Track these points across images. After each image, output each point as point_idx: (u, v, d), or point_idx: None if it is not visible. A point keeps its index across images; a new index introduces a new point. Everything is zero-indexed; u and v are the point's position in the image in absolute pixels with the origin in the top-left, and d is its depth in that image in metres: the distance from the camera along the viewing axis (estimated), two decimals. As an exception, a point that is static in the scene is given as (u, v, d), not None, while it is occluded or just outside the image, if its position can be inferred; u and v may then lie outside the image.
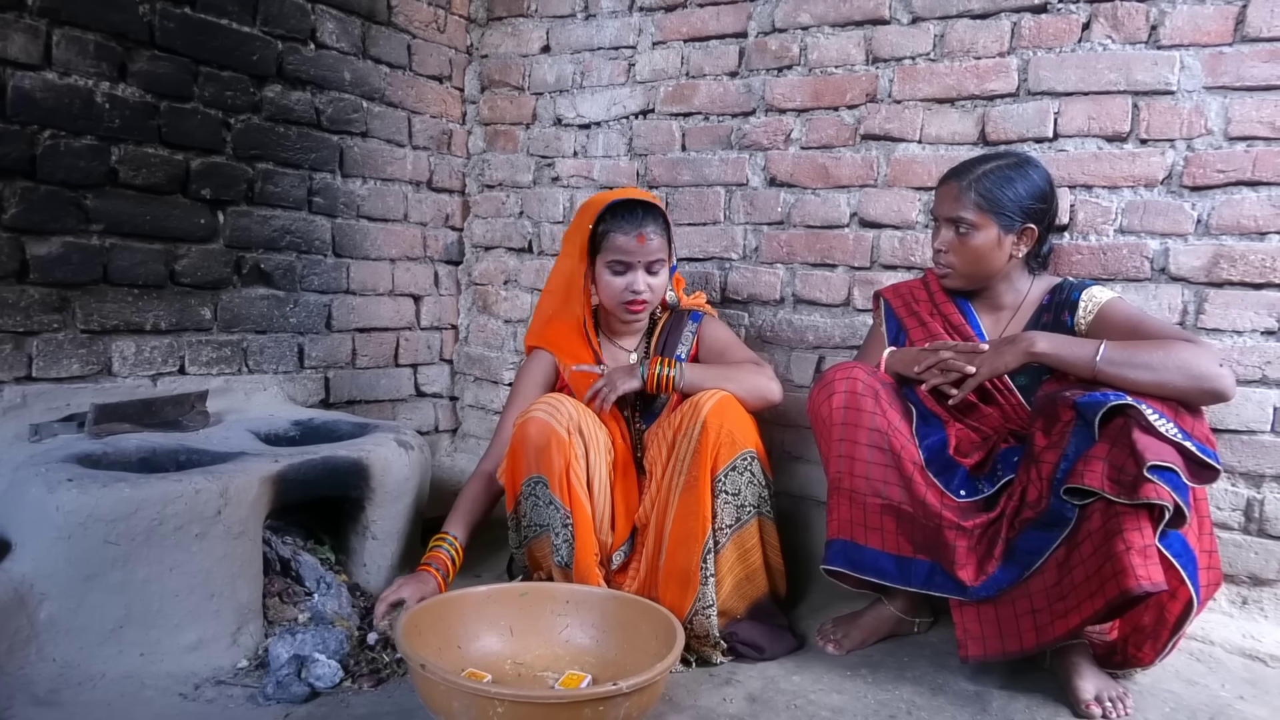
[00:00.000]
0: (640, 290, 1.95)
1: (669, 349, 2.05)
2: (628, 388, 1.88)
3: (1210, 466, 1.48)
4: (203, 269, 2.18)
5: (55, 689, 1.45)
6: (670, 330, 2.09)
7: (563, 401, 1.80)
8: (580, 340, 2.05)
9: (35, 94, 1.83)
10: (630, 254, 1.94)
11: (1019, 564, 1.58)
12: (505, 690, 1.36)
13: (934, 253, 1.87)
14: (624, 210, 1.96)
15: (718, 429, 1.75)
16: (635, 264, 1.95)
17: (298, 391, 2.43)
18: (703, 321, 2.10)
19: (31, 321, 1.87)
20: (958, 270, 1.84)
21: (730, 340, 2.09)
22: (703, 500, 1.74)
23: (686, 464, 1.77)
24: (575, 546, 1.73)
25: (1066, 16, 2.05)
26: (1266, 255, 1.89)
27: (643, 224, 1.94)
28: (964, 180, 1.79)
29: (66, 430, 1.81)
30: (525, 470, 1.78)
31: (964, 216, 1.78)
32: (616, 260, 1.95)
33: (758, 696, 1.62)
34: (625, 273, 1.96)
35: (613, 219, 1.96)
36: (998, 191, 1.76)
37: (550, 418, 1.76)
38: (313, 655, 1.56)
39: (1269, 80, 1.87)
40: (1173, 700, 1.62)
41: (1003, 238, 1.79)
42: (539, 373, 2.07)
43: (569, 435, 1.75)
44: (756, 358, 2.02)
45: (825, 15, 2.32)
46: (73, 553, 1.49)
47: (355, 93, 2.52)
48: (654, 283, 1.97)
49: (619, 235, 1.94)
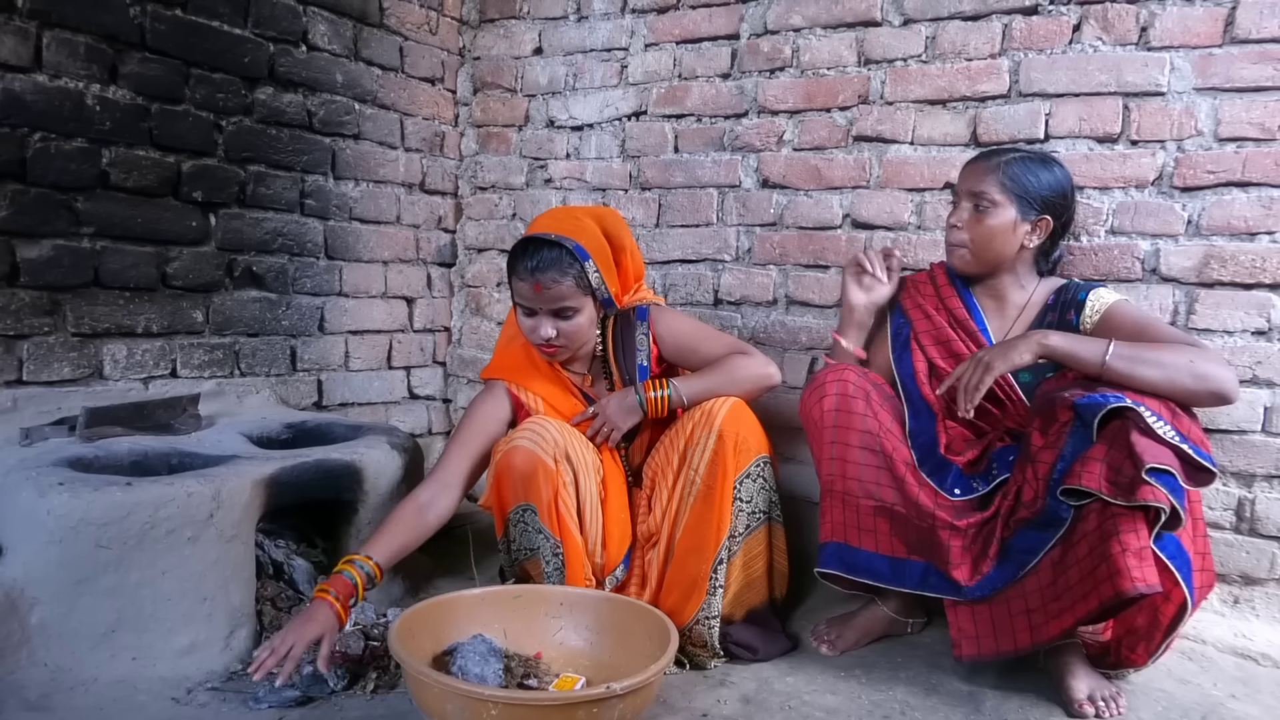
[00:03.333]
0: (548, 335, 1.78)
1: (627, 361, 1.91)
2: (630, 423, 1.83)
3: (1206, 469, 1.49)
4: (194, 272, 2.17)
5: (47, 694, 1.45)
6: (622, 340, 1.92)
7: (547, 426, 1.73)
8: (532, 365, 1.92)
9: (25, 96, 1.82)
10: (529, 300, 1.77)
11: (1014, 564, 1.59)
12: (499, 692, 1.36)
13: (948, 229, 1.86)
14: (523, 252, 1.77)
15: (734, 437, 1.73)
16: (538, 310, 1.78)
17: (290, 394, 2.42)
18: (651, 317, 1.93)
19: (22, 325, 1.87)
20: (970, 249, 1.83)
21: (696, 331, 1.93)
22: (719, 509, 1.72)
23: (701, 473, 1.74)
24: (566, 575, 1.72)
25: (1057, 18, 2.06)
26: (1256, 255, 1.90)
27: (538, 270, 1.73)
28: (992, 161, 1.82)
29: (57, 434, 1.80)
30: (513, 499, 1.73)
31: (986, 191, 1.79)
32: (521, 304, 1.81)
33: (752, 698, 1.62)
34: (531, 316, 1.80)
35: (515, 259, 1.78)
36: (1023, 177, 1.78)
37: (535, 446, 1.69)
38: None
39: (1258, 81, 1.89)
40: (1165, 699, 1.63)
41: (1018, 223, 1.79)
42: (490, 408, 1.89)
43: (556, 464, 1.70)
44: (735, 342, 1.90)
45: (817, 17, 2.32)
46: (64, 557, 1.48)
47: (347, 95, 2.52)
48: (566, 328, 1.79)
49: (517, 280, 1.78)
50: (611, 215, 1.96)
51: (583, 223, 1.85)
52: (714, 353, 1.88)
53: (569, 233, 1.79)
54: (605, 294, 1.83)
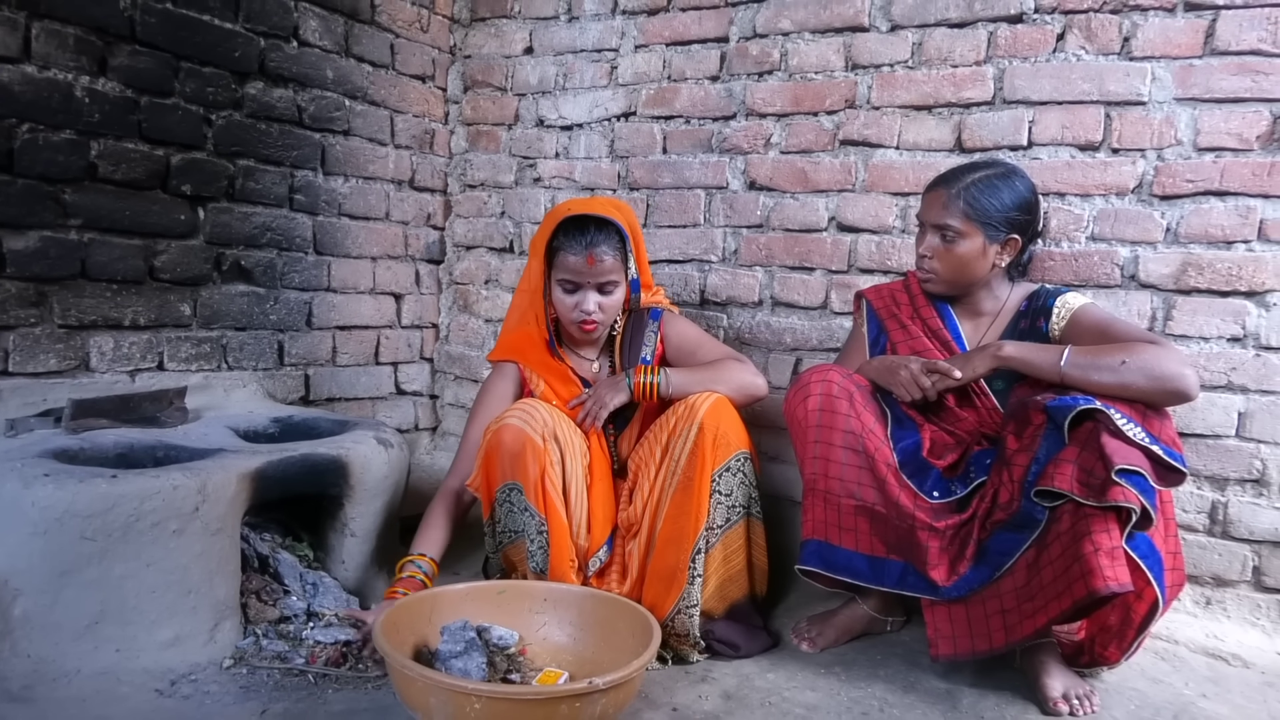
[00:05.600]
0: (590, 311, 1.89)
1: (633, 352, 2.01)
2: (617, 402, 1.87)
3: (1176, 470, 1.52)
4: (182, 265, 2.17)
5: (29, 685, 1.44)
6: (632, 332, 2.04)
7: (537, 407, 1.78)
8: (544, 350, 2.01)
9: (13, 87, 1.81)
10: (579, 274, 1.87)
11: (990, 565, 1.61)
12: (482, 686, 1.37)
13: (918, 258, 1.89)
14: (576, 227, 1.88)
15: (714, 430, 1.76)
16: (585, 284, 1.88)
17: (277, 388, 2.42)
18: (663, 319, 2.05)
19: (8, 316, 1.86)
20: (941, 276, 1.86)
21: (699, 337, 2.05)
22: (697, 500, 1.75)
23: (681, 464, 1.78)
24: (550, 553, 1.73)
25: (1042, 27, 2.09)
26: (1233, 264, 1.93)
27: (592, 244, 1.86)
28: (953, 188, 1.81)
29: (43, 425, 1.80)
30: (500, 477, 1.76)
31: (951, 224, 1.80)
32: (566, 279, 1.89)
33: (733, 694, 1.63)
34: (575, 291, 1.90)
35: (564, 236, 1.88)
36: (985, 201, 1.78)
37: (525, 424, 1.73)
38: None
39: (1237, 93, 1.92)
40: (1138, 698, 1.65)
41: (987, 247, 1.81)
42: (504, 387, 2.01)
43: (544, 442, 1.74)
44: (733, 352, 1.99)
45: (806, 22, 2.35)
46: (48, 548, 1.48)
47: (338, 91, 2.52)
48: (606, 302, 1.91)
49: (569, 255, 1.87)
50: (629, 207, 2.06)
51: (620, 207, 1.99)
52: (710, 357, 1.97)
53: (611, 214, 1.92)
54: (635, 275, 1.96)
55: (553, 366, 2.00)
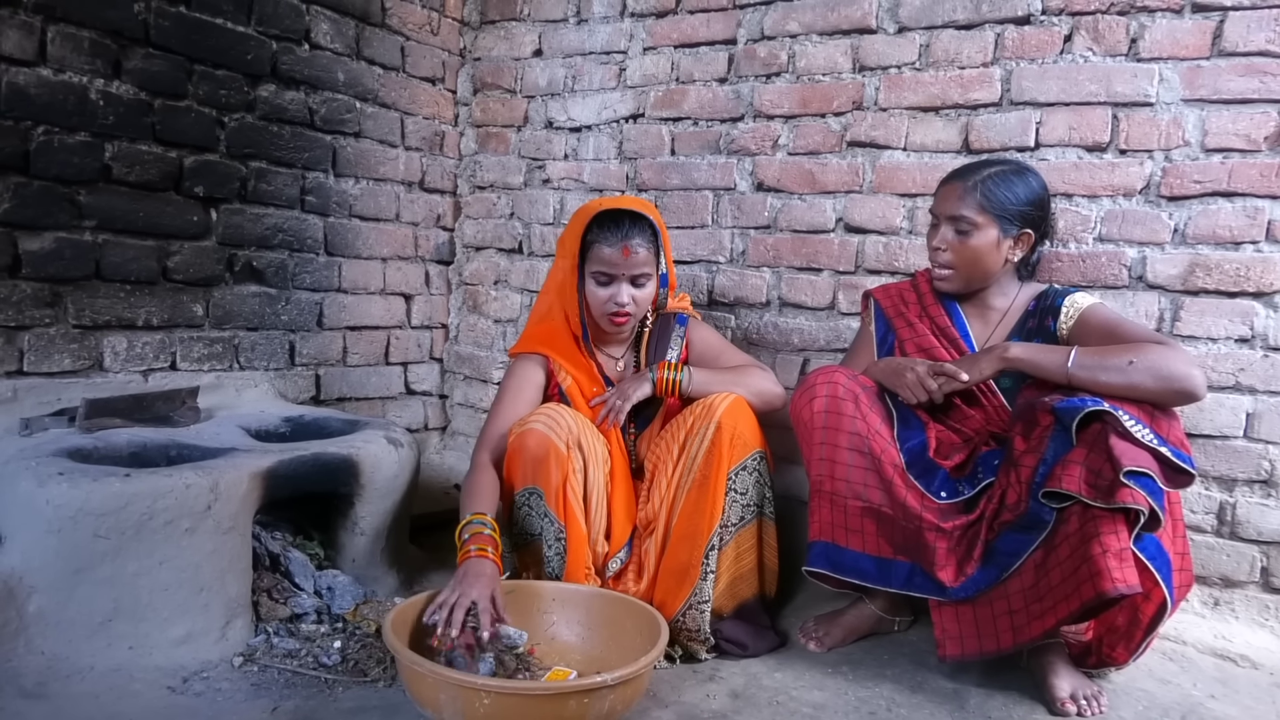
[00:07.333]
0: (624, 303, 1.91)
1: (658, 354, 2.04)
2: (640, 395, 1.88)
3: (1185, 472, 1.52)
4: (195, 266, 2.19)
5: (43, 681, 1.46)
6: (659, 335, 2.07)
7: (562, 413, 1.79)
8: (573, 345, 2.03)
9: (30, 90, 1.84)
10: (614, 266, 1.90)
11: (997, 565, 1.61)
12: (491, 681, 1.38)
13: (931, 252, 1.89)
14: (611, 221, 1.91)
15: (732, 429, 1.78)
16: (619, 276, 1.91)
17: (288, 388, 2.44)
18: (689, 325, 2.09)
19: (23, 316, 1.88)
20: (956, 270, 1.85)
21: (722, 344, 2.09)
22: (713, 497, 1.76)
23: (698, 462, 1.79)
24: (567, 560, 1.75)
25: (1049, 29, 2.09)
26: (1240, 264, 1.93)
27: (628, 236, 1.89)
28: (968, 181, 1.82)
29: (57, 424, 1.81)
30: (521, 481, 1.76)
31: (966, 215, 1.80)
32: (600, 271, 1.91)
33: (740, 693, 1.64)
34: (609, 284, 1.92)
35: (599, 229, 1.91)
36: (1000, 194, 1.79)
37: (550, 430, 1.74)
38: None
39: (1245, 94, 1.92)
40: (1146, 699, 1.65)
41: (1001, 240, 1.81)
42: (531, 374, 2.00)
43: (568, 450, 1.74)
44: (755, 361, 2.04)
45: (813, 24, 2.35)
46: (62, 546, 1.50)
47: (349, 93, 2.54)
48: (638, 295, 1.93)
49: (604, 247, 1.90)
50: (653, 205, 2.10)
51: (647, 205, 2.03)
52: (733, 363, 2.01)
53: (642, 210, 1.96)
54: (663, 270, 2.00)
55: (580, 362, 2.01)
